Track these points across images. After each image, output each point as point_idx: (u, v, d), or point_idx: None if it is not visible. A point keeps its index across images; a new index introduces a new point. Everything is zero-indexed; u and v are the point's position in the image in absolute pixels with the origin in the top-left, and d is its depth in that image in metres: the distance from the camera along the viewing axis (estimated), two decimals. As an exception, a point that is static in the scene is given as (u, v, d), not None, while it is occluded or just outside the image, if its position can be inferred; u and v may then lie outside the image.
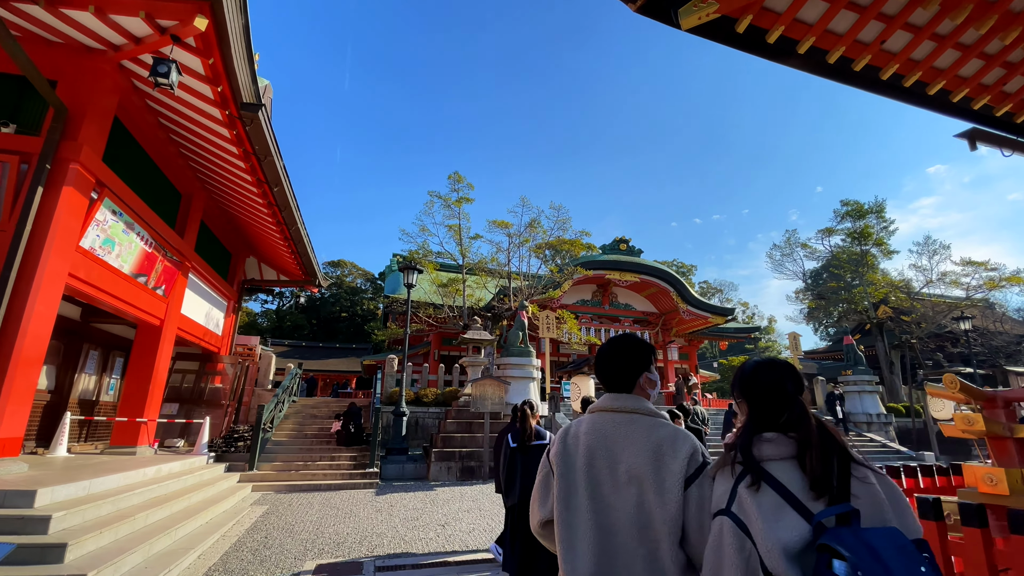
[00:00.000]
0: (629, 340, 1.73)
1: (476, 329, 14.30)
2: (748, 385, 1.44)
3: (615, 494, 1.47)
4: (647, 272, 25.38)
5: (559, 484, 1.57)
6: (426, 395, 14.76)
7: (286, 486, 9.78)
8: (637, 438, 1.50)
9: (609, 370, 1.67)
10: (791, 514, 1.19)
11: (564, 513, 1.52)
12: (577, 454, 1.57)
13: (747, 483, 1.26)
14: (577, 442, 1.60)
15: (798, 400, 1.36)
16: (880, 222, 22.89)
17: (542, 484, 1.67)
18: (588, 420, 1.64)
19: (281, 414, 12.67)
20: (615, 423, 1.56)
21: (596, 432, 1.57)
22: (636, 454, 1.47)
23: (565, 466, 1.58)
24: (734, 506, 1.26)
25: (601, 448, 1.54)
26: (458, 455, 11.21)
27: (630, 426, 1.53)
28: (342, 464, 10.80)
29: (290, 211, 10.61)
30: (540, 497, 1.66)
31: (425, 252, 21.36)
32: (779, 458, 1.28)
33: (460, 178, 21.21)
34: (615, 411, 1.59)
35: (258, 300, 59.43)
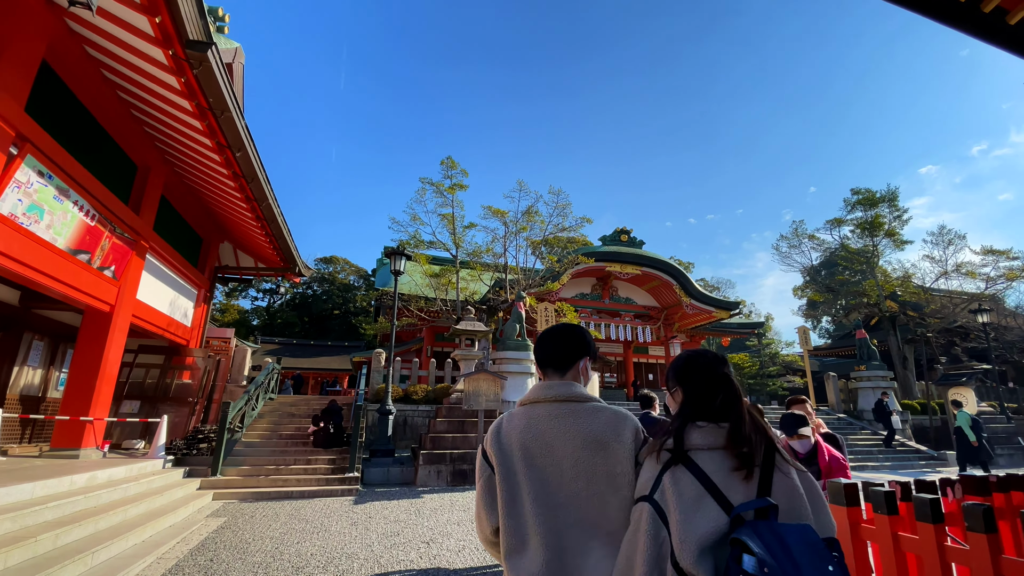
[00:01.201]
0: (574, 326, 1.66)
1: (469, 319, 13.16)
2: (682, 372, 1.43)
3: (562, 492, 1.38)
4: (649, 264, 24.32)
5: (502, 488, 1.43)
6: (415, 392, 13.61)
7: (253, 494, 8.62)
8: (578, 428, 1.42)
9: (549, 349, 1.60)
10: (711, 505, 1.18)
11: (509, 521, 1.39)
12: (515, 455, 1.45)
13: (671, 471, 1.25)
14: (512, 442, 1.47)
15: (731, 385, 1.35)
16: (893, 211, 21.89)
17: (486, 488, 1.50)
18: (521, 415, 1.52)
19: (254, 412, 11.50)
20: (551, 415, 1.46)
21: (532, 428, 1.46)
22: (580, 446, 1.39)
23: (505, 468, 1.45)
24: (656, 493, 1.25)
25: (540, 445, 1.43)
26: (449, 457, 10.07)
27: (569, 417, 1.44)
28: (319, 468, 9.64)
29: (258, 183, 9.44)
30: (486, 502, 1.48)
31: (416, 242, 20.18)
32: (707, 447, 1.27)
33: (454, 164, 20.05)
34: (549, 401, 1.49)
35: (248, 297, 58.27)
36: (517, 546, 1.36)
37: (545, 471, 1.40)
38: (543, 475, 1.40)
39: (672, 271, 24.57)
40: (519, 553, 1.35)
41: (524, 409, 1.53)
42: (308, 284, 58.48)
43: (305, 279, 60.65)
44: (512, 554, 1.36)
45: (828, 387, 19.94)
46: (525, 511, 1.38)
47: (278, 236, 11.56)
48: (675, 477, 1.23)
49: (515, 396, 13.89)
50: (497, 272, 21.34)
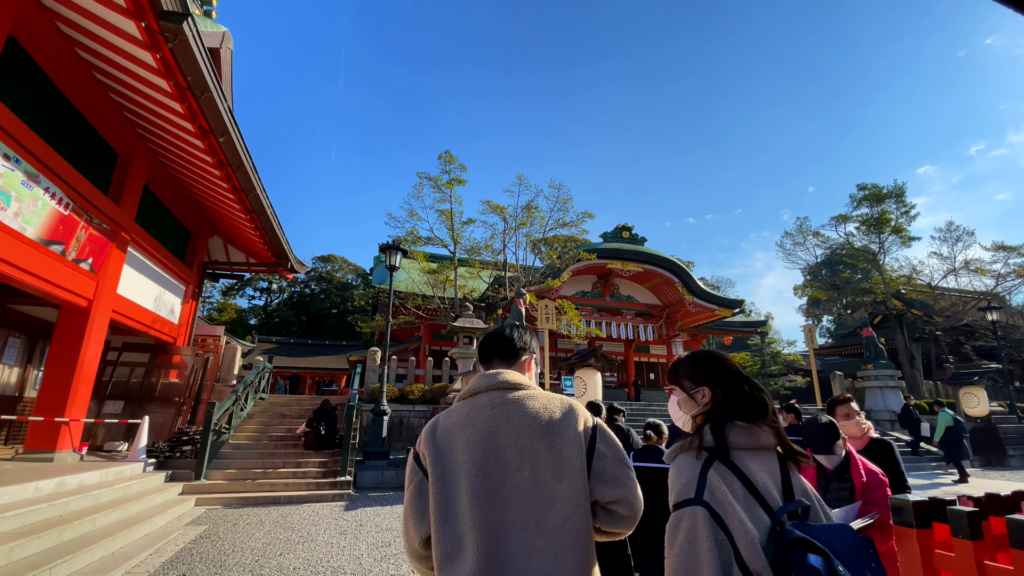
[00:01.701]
0: (519, 326, 1.62)
1: (467, 316, 12.71)
2: (714, 370, 1.41)
3: (504, 485, 1.26)
4: (651, 261, 23.87)
5: (435, 491, 1.28)
6: (412, 392, 13.15)
7: (238, 499, 8.16)
8: (523, 413, 1.33)
9: (497, 342, 1.54)
10: (756, 506, 1.16)
11: (443, 527, 1.24)
12: (453, 452, 1.31)
13: (718, 471, 1.20)
14: (450, 438, 1.34)
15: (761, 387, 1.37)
16: (900, 207, 21.45)
17: (416, 495, 1.33)
18: (461, 409, 1.39)
19: (243, 413, 11.03)
20: (494, 403, 1.36)
21: (473, 420, 1.34)
22: (524, 432, 1.30)
23: (440, 468, 1.30)
24: (706, 494, 1.17)
25: (481, 435, 1.31)
26: (446, 460, 9.62)
27: (512, 405, 1.35)
28: (309, 472, 9.19)
29: (244, 171, 8.99)
30: (415, 510, 1.32)
31: (414, 238, 19.72)
32: (748, 447, 1.25)
33: (452, 158, 19.60)
34: (492, 389, 1.39)
35: (245, 296, 57.82)
36: (452, 552, 1.23)
37: (486, 464, 1.28)
38: (484, 469, 1.28)
39: (674, 268, 24.13)
40: (453, 560, 1.22)
41: (464, 402, 1.42)
42: (306, 283, 58.07)
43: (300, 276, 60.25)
44: (446, 563, 1.22)
45: (834, 386, 19.50)
46: (461, 512, 1.25)
47: (267, 229, 11.09)
48: (724, 477, 1.19)
49: (515, 396, 13.44)
50: (496, 270, 20.89)
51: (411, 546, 1.33)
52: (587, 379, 11.10)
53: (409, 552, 1.35)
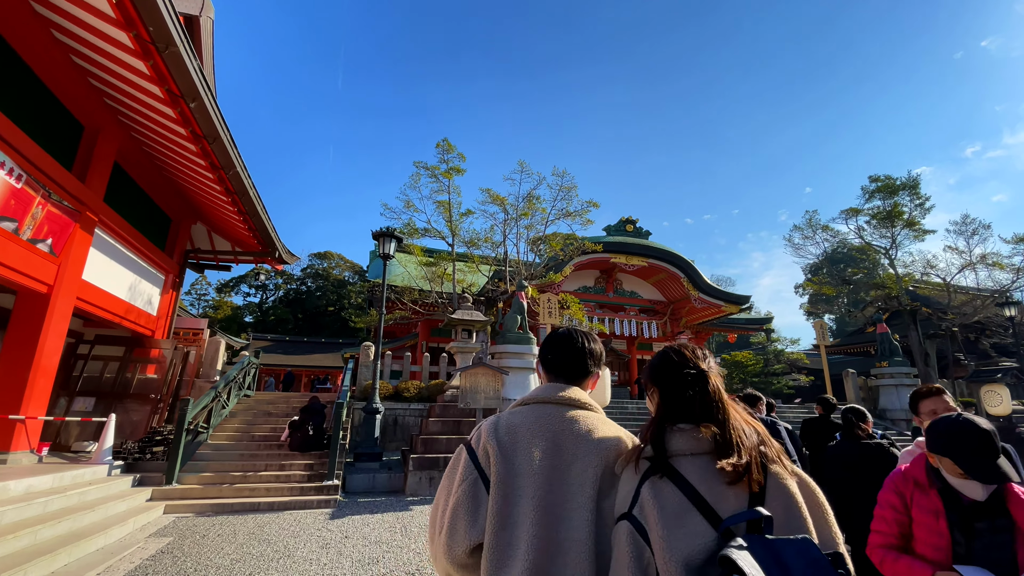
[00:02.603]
0: (583, 333, 1.48)
1: (466, 308, 11.93)
2: (656, 370, 1.27)
3: (566, 504, 1.18)
4: (656, 256, 23.13)
5: (496, 494, 1.20)
6: (407, 389, 12.38)
7: (213, 506, 7.38)
8: (589, 436, 1.25)
9: (564, 355, 1.42)
10: (696, 519, 1.03)
11: (500, 533, 1.16)
12: (517, 454, 1.25)
13: (651, 483, 1.09)
14: (515, 439, 1.27)
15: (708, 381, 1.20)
16: (914, 199, 20.71)
17: (468, 497, 1.23)
18: (528, 412, 1.32)
19: (225, 411, 10.24)
20: (563, 416, 1.29)
21: (542, 426, 1.27)
22: (589, 453, 1.22)
23: (505, 469, 1.23)
24: (636, 508, 1.08)
25: (551, 446, 1.24)
26: (442, 462, 8.85)
27: (582, 422, 1.28)
28: (294, 475, 8.41)
29: (222, 145, 8.20)
30: (468, 514, 1.21)
31: (411, 230, 18.92)
32: (691, 453, 1.11)
33: (450, 146, 18.79)
34: (560, 403, 1.32)
35: (240, 293, 56.96)
36: (504, 562, 1.14)
37: (553, 477, 1.21)
38: (550, 480, 1.20)
39: (680, 263, 23.39)
40: (505, 569, 1.13)
41: (529, 407, 1.34)
42: (302, 280, 57.25)
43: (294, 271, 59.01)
44: (496, 572, 1.13)
45: (847, 384, 18.77)
46: (521, 520, 1.17)
47: (251, 213, 10.30)
48: (655, 489, 1.08)
49: (517, 393, 12.67)
50: (496, 264, 20.11)
51: (452, 553, 1.20)
52: (595, 375, 10.35)
53: (447, 559, 1.20)
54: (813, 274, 63.26)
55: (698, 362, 1.23)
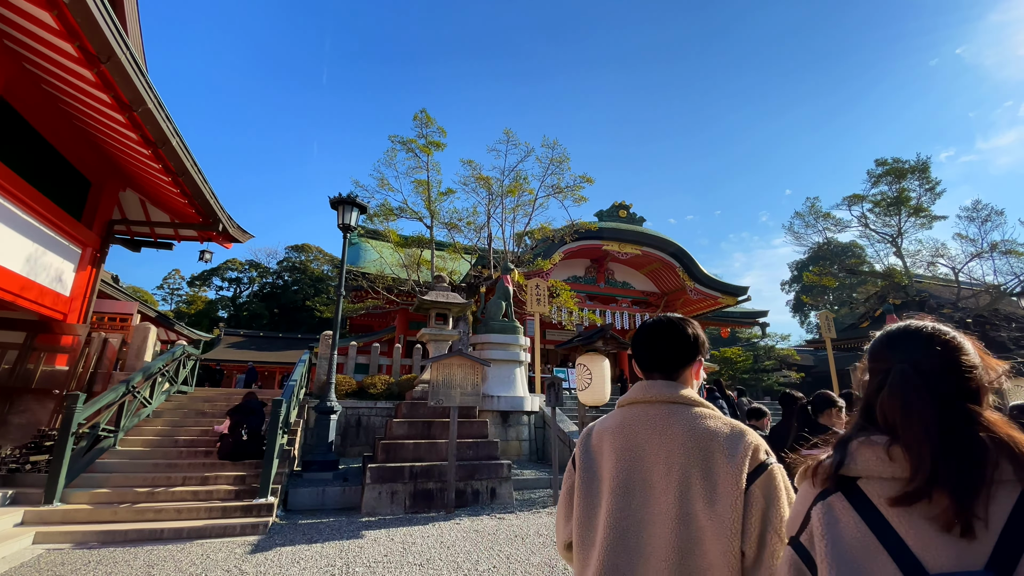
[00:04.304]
0: (683, 322, 1.37)
1: (441, 289, 10.27)
2: (881, 352, 0.94)
3: (648, 507, 1.12)
4: (651, 243, 21.70)
5: (579, 495, 1.24)
6: (374, 384, 10.71)
7: (102, 533, 5.64)
8: (677, 432, 1.16)
9: (653, 350, 1.33)
10: (887, 567, 0.74)
11: (583, 533, 1.20)
12: (601, 456, 1.25)
13: (824, 505, 0.85)
14: (601, 442, 1.27)
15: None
16: (924, 183, 19.56)
17: (566, 497, 1.31)
18: (617, 415, 1.30)
19: (146, 410, 8.46)
20: (648, 416, 1.22)
21: (625, 428, 1.24)
22: (677, 452, 1.13)
23: (587, 473, 1.26)
24: (803, 535, 0.87)
25: (631, 447, 1.20)
26: (408, 472, 7.21)
27: (669, 418, 1.19)
28: (218, 490, 6.69)
29: (130, 82, 6.47)
30: (564, 512, 1.32)
31: (386, 211, 17.17)
32: (893, 477, 0.81)
33: (429, 119, 17.04)
34: (648, 402, 1.25)
35: (212, 287, 54.46)
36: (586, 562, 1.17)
37: (631, 479, 1.17)
38: (628, 484, 1.17)
39: (675, 251, 22.02)
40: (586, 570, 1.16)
41: (621, 410, 1.31)
42: (278, 274, 54.90)
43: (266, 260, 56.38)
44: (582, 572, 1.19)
45: (854, 379, 17.53)
46: (600, 522, 1.16)
47: (181, 172, 8.49)
48: (830, 516, 0.84)
49: (500, 389, 11.07)
50: (480, 252, 18.46)
51: (558, 545, 1.32)
52: (592, 368, 8.77)
53: (559, 548, 1.33)
54: (799, 272, 62.96)
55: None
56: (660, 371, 1.30)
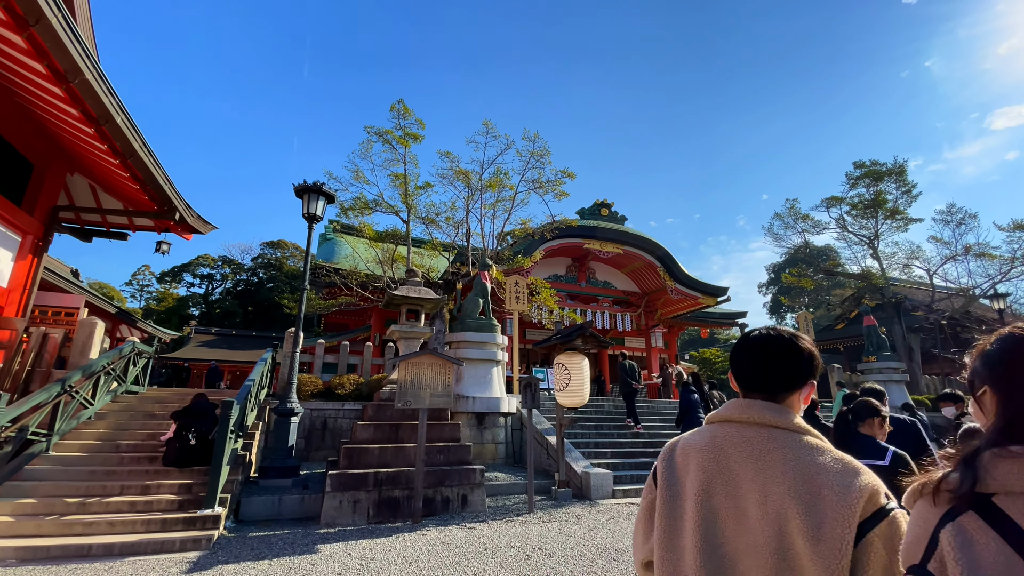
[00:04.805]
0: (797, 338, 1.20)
1: (413, 283, 9.75)
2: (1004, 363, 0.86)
3: (742, 537, 1.02)
4: (632, 243, 21.48)
5: (661, 516, 1.16)
6: (342, 385, 10.14)
7: (21, 549, 5.02)
8: (776, 460, 1.04)
9: (760, 368, 1.19)
10: None
11: (666, 555, 1.11)
12: (686, 475, 1.15)
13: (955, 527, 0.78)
14: (687, 459, 1.17)
15: None
16: (900, 186, 19.73)
17: (645, 514, 1.25)
18: (706, 432, 1.20)
19: (87, 412, 7.77)
20: (744, 438, 1.11)
21: (716, 448, 1.13)
22: (776, 482, 1.01)
23: (670, 491, 1.17)
24: (932, 562, 0.79)
25: (723, 470, 1.10)
26: (373, 479, 6.70)
27: (767, 444, 1.08)
28: (159, 501, 6.09)
29: (63, 49, 5.85)
30: (643, 529, 1.25)
31: (361, 205, 16.57)
32: None
33: (407, 110, 16.49)
34: (745, 423, 1.13)
35: (183, 284, 52.76)
36: None
37: (721, 509, 1.07)
38: (716, 512, 1.07)
39: (657, 251, 21.84)
40: None
41: (711, 427, 1.21)
42: (252, 271, 53.40)
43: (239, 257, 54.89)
44: None
45: (831, 379, 17.54)
46: (686, 547, 1.08)
47: (128, 153, 7.84)
48: (964, 538, 0.77)
49: (476, 390, 10.61)
50: (458, 248, 17.98)
51: (635, 562, 1.27)
52: (571, 367, 8.37)
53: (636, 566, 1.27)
54: (776, 275, 63.93)
55: None
56: (763, 392, 1.17)
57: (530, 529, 6.27)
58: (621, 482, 8.89)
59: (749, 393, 1.20)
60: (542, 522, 6.64)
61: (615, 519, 6.90)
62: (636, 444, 11.28)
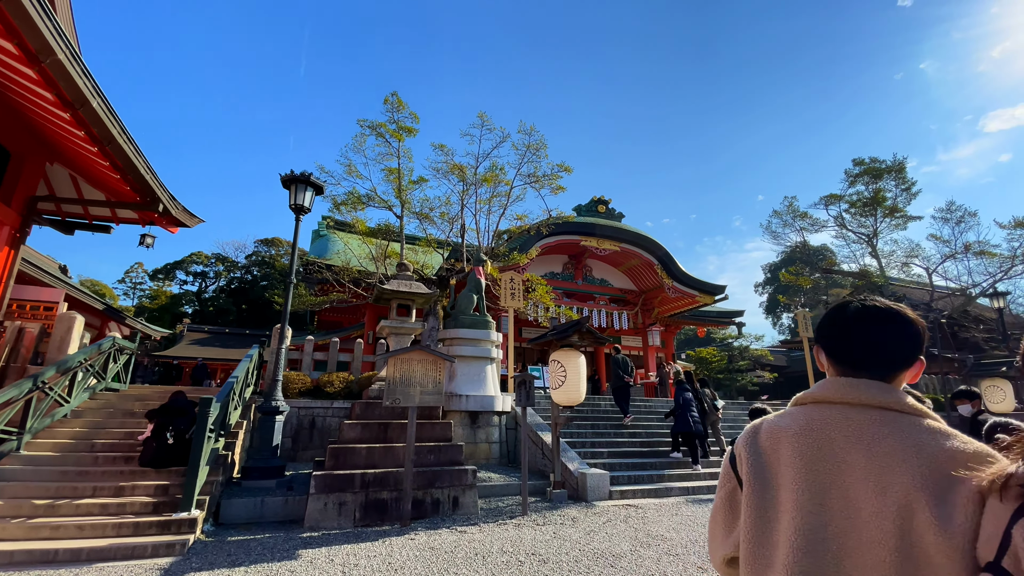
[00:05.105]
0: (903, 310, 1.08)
1: (403, 278, 9.44)
2: None
3: (854, 532, 0.90)
4: (630, 240, 21.23)
5: (750, 507, 1.03)
6: (331, 382, 9.85)
7: (-21, 558, 4.71)
8: (894, 446, 0.92)
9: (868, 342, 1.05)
10: None
11: (756, 551, 0.99)
12: (777, 463, 1.03)
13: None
14: (777, 445, 1.04)
15: None
16: (900, 184, 19.56)
17: (724, 505, 1.14)
18: (797, 415, 1.06)
19: (63, 410, 7.45)
20: (848, 422, 0.98)
21: (813, 433, 1.01)
22: (897, 471, 0.89)
23: (758, 481, 1.04)
24: (1006, 559, 0.76)
25: (825, 458, 0.97)
26: (360, 480, 6.42)
27: (880, 428, 0.95)
28: (133, 503, 5.79)
29: (32, 25, 5.54)
30: (723, 522, 1.14)
31: (354, 200, 16.27)
32: None
33: (401, 103, 16.21)
34: (849, 404, 1.00)
35: (177, 281, 52.27)
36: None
37: (825, 500, 0.94)
38: (820, 504, 0.95)
39: (655, 249, 21.61)
40: None
41: (803, 409, 1.08)
42: (247, 268, 52.91)
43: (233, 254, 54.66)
44: None
45: (831, 380, 17.37)
46: (780, 542, 0.96)
47: (107, 140, 7.52)
48: None
49: (470, 388, 10.33)
50: (453, 245, 17.70)
51: (713, 560, 1.17)
52: (567, 364, 8.10)
53: (713, 563, 1.17)
54: (773, 274, 63.85)
55: None
56: (869, 369, 1.04)
57: (523, 533, 6.01)
58: (618, 483, 8.63)
59: (854, 371, 1.05)
60: (536, 525, 6.38)
61: (612, 522, 6.64)
62: (633, 443, 11.03)
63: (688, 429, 9.62)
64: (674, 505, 7.86)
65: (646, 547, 5.56)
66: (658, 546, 5.61)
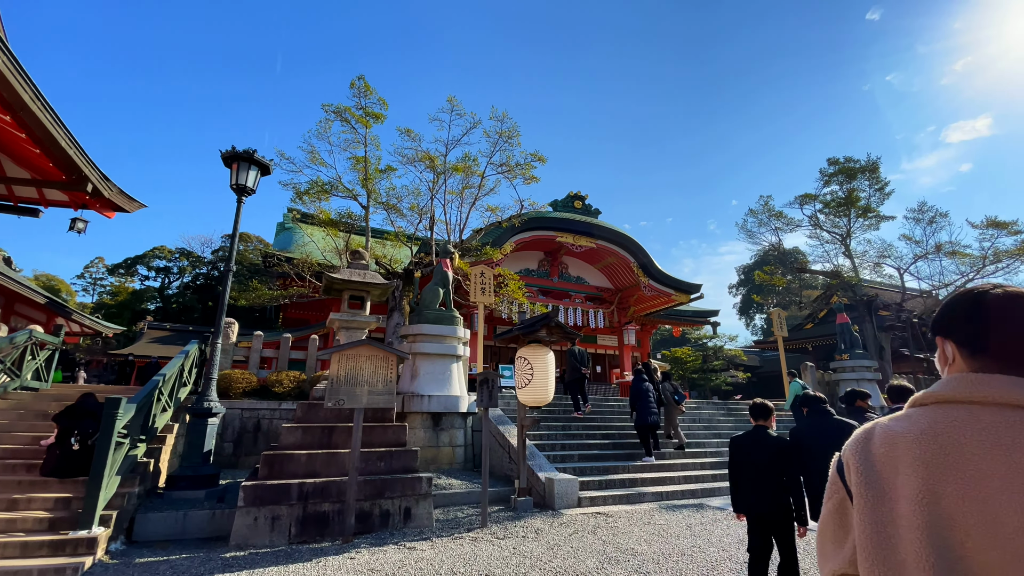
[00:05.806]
0: None
1: (357, 266, 8.73)
2: None
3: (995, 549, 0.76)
4: (606, 237, 20.81)
5: (864, 521, 0.89)
6: (279, 382, 9.07)
7: None
8: None
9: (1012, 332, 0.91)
10: None
11: (877, 569, 0.85)
12: (895, 472, 0.88)
13: None
14: (893, 451, 0.90)
15: None
16: (873, 183, 19.60)
17: (833, 517, 0.99)
18: (919, 417, 0.91)
19: (-41, 413, 6.54)
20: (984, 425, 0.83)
21: (940, 437, 0.86)
22: None
23: (872, 492, 0.90)
24: None
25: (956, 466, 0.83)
26: (297, 491, 5.71)
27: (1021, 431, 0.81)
28: (26, 519, 4.98)
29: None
30: (832, 536, 0.99)
31: (318, 190, 15.41)
32: None
33: (368, 88, 15.37)
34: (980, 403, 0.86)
35: (138, 277, 50.08)
36: None
37: (958, 515, 0.80)
38: (952, 519, 0.81)
39: (631, 246, 21.23)
40: None
41: (924, 410, 0.93)
42: (213, 264, 50.92)
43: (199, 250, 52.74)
44: None
45: (805, 377, 17.21)
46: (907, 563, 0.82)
47: (19, 107, 6.65)
48: None
49: (433, 388, 9.66)
50: (423, 239, 16.99)
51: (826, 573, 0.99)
52: (534, 361, 7.51)
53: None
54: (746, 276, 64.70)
55: None
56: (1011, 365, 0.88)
57: (480, 549, 5.39)
58: (588, 487, 8.09)
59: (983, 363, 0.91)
60: (495, 539, 5.77)
61: (579, 534, 6.07)
62: (606, 447, 10.52)
63: (646, 422, 9.74)
64: (647, 512, 7.34)
65: (615, 563, 5.01)
66: (628, 562, 5.06)
